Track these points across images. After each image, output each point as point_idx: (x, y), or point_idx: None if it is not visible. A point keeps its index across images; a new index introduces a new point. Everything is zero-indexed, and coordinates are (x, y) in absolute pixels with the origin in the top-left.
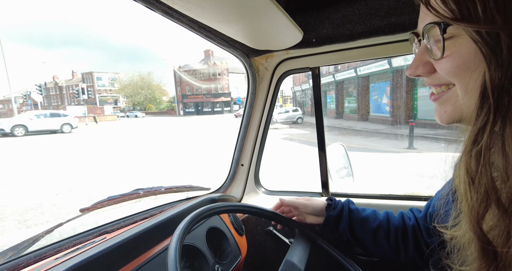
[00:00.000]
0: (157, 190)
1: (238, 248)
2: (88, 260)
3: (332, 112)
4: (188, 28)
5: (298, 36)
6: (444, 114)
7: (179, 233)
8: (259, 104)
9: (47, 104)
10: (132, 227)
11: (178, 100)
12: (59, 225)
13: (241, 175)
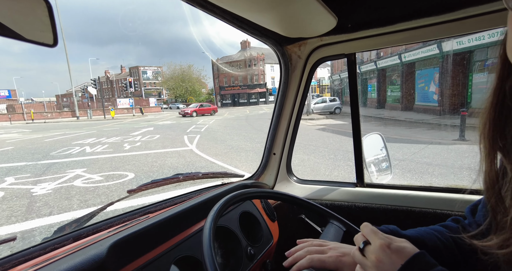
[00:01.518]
0: (195, 175)
1: (270, 233)
2: (134, 235)
3: (374, 102)
4: (222, 19)
5: (332, 22)
6: None
7: (213, 214)
8: (292, 93)
9: (100, 97)
10: (171, 208)
11: (216, 92)
12: (110, 204)
13: (273, 164)
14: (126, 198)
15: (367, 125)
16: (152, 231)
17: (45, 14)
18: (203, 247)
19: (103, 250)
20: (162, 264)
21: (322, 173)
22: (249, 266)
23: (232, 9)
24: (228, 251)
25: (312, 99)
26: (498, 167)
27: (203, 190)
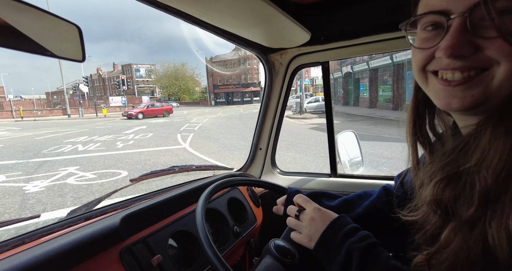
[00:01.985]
0: (189, 167)
1: (255, 216)
2: (140, 210)
3: (366, 101)
4: (213, 33)
5: (306, 36)
6: (470, 99)
7: (205, 195)
8: (275, 95)
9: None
10: (169, 193)
11: (210, 90)
12: (115, 191)
13: (259, 158)
14: (128, 186)
15: (358, 124)
16: (154, 209)
17: (77, 37)
18: (197, 219)
19: (116, 221)
20: (162, 235)
21: (313, 170)
22: (235, 242)
23: (222, 26)
24: (217, 229)
25: (305, 99)
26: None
27: (196, 180)
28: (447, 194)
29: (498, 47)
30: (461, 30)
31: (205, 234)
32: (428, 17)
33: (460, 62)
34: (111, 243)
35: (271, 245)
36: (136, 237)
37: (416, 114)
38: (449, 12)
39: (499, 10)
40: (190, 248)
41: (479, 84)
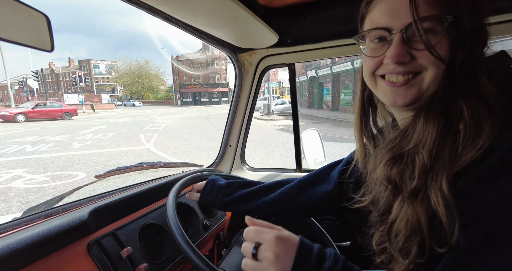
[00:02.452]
0: (157, 164)
1: (224, 211)
2: (109, 204)
3: (329, 105)
4: (184, 30)
5: (274, 38)
6: (409, 96)
7: (177, 187)
8: (245, 94)
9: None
10: (137, 188)
11: (176, 89)
12: (78, 188)
13: (229, 155)
14: (93, 183)
15: (322, 126)
16: (123, 203)
17: (45, 26)
18: (168, 210)
19: (84, 214)
20: (132, 228)
21: None
22: (205, 235)
23: (194, 24)
24: (187, 223)
25: (273, 101)
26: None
27: (166, 176)
28: (394, 171)
29: (426, 56)
30: (401, 43)
31: (177, 224)
32: (376, 31)
33: (402, 67)
34: (78, 236)
35: (240, 235)
36: (105, 230)
37: (362, 113)
38: (391, 29)
39: (426, 29)
40: (160, 240)
41: (415, 85)
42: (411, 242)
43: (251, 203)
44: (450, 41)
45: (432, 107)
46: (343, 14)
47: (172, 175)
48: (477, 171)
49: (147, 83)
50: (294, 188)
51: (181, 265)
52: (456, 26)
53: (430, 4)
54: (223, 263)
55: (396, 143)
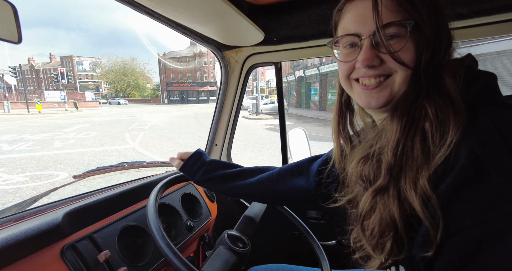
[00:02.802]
0: (140, 164)
1: (209, 211)
2: (85, 206)
3: (316, 104)
4: (167, 26)
5: (260, 36)
6: (382, 98)
7: (158, 187)
8: (231, 92)
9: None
10: (118, 188)
11: (163, 88)
12: (54, 189)
13: (215, 154)
14: (71, 184)
15: (309, 126)
16: (101, 205)
17: (11, 16)
18: (148, 212)
19: (58, 216)
20: (111, 230)
21: None
22: (189, 236)
23: (176, 19)
24: (170, 224)
25: (261, 100)
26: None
27: (148, 176)
28: (365, 169)
29: (393, 60)
30: (370, 47)
31: (158, 226)
32: (347, 38)
33: (372, 71)
34: (51, 240)
35: (224, 236)
36: (81, 233)
37: (339, 115)
38: (360, 35)
39: (391, 34)
40: (141, 243)
41: (387, 87)
42: (385, 238)
43: (229, 184)
44: (415, 45)
45: (398, 108)
46: (328, 13)
47: (155, 175)
48: (454, 176)
49: (133, 81)
50: (274, 175)
51: (163, 268)
52: (419, 31)
53: (393, 11)
54: (206, 264)
55: (369, 143)
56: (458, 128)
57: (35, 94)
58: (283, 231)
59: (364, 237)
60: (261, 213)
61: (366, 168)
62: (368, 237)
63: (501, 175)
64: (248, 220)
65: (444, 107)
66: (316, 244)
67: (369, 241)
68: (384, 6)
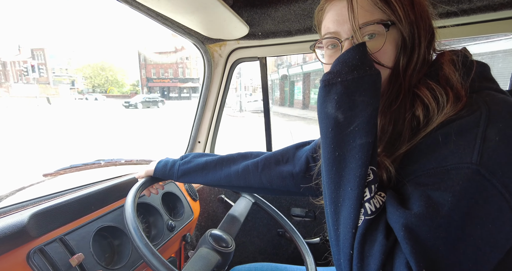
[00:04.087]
0: (117, 161)
1: (191, 210)
2: (55, 206)
3: (300, 103)
4: (147, 16)
5: (244, 29)
6: None
7: (137, 186)
8: (215, 87)
9: None
10: (92, 186)
11: (143, 83)
12: (21, 189)
13: (198, 151)
14: (40, 182)
15: (293, 124)
16: (73, 204)
17: None
18: (125, 211)
19: (23, 218)
20: (85, 231)
21: None
22: (170, 236)
23: (156, 8)
24: (149, 225)
25: (245, 97)
26: None
27: (126, 175)
28: None
29: (380, 56)
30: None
31: (135, 226)
32: (328, 40)
33: None
34: (16, 243)
35: (207, 235)
36: (51, 235)
37: None
38: (340, 36)
39: (370, 33)
40: (118, 244)
41: None
42: None
43: (211, 174)
44: (394, 44)
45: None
46: (314, 8)
47: (134, 173)
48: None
49: (111, 76)
50: (259, 164)
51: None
52: (396, 30)
53: (369, 11)
54: (187, 265)
55: None
56: (456, 109)
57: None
58: (267, 229)
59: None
60: (246, 212)
61: None
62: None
63: (475, 137)
64: (232, 219)
65: (443, 92)
66: (300, 241)
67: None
68: (360, 6)
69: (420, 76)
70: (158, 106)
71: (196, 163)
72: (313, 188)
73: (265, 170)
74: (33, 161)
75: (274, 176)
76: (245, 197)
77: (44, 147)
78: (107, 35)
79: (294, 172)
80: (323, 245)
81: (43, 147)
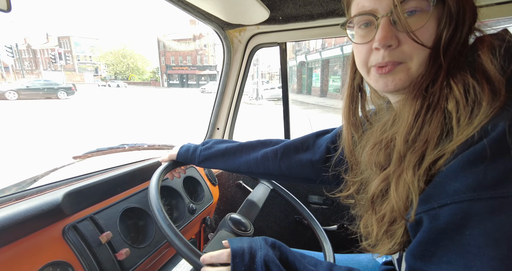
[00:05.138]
0: (140, 146)
1: (211, 194)
2: (86, 187)
3: (317, 90)
4: (168, 1)
5: (265, 14)
6: (399, 81)
7: (161, 169)
8: (234, 74)
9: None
10: (119, 169)
11: (162, 71)
12: (54, 170)
13: (216, 138)
14: (71, 164)
15: (310, 112)
16: (101, 185)
17: None
18: (150, 193)
19: (58, 197)
20: (112, 212)
21: None
22: (191, 219)
23: None
24: (172, 207)
25: (262, 85)
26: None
27: (149, 159)
28: (377, 155)
29: (411, 40)
30: (388, 25)
31: (159, 208)
32: (362, 17)
33: (388, 57)
34: (52, 220)
35: (227, 219)
36: (82, 214)
37: (351, 100)
38: (377, 12)
39: (412, 10)
40: (143, 225)
41: (401, 71)
42: (395, 225)
43: (232, 160)
44: (437, 21)
45: (414, 90)
46: None
47: (156, 158)
48: (471, 152)
49: (132, 64)
50: (278, 152)
51: (165, 250)
52: (442, 4)
53: None
54: (208, 247)
55: (385, 127)
56: (493, 109)
57: (33, 75)
58: (284, 215)
59: (375, 223)
60: (264, 198)
61: (379, 153)
62: (379, 224)
63: None
64: (251, 204)
65: (477, 86)
66: (318, 228)
67: (380, 227)
68: None
69: (459, 62)
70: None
71: (217, 149)
72: (329, 178)
73: (284, 157)
74: (67, 143)
75: (294, 163)
76: (264, 184)
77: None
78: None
79: (314, 160)
80: (341, 232)
81: (84, 130)
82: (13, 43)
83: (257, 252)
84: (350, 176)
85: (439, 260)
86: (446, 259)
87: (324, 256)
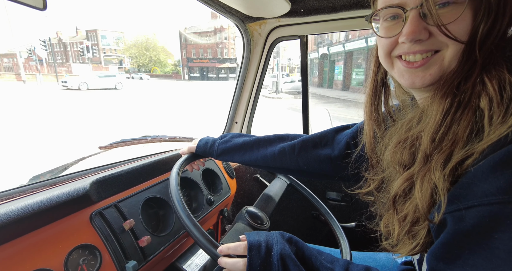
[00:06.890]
0: (162, 138)
1: (228, 187)
2: (112, 176)
3: (339, 84)
4: None
5: (286, 6)
6: (429, 77)
7: (181, 161)
8: (253, 67)
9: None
10: (141, 161)
11: (183, 63)
12: (82, 159)
13: (235, 131)
14: (97, 154)
15: (331, 106)
16: (125, 175)
17: None
18: (170, 184)
19: (86, 185)
20: (135, 200)
21: None
22: (209, 210)
23: None
24: (191, 198)
25: (281, 78)
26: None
27: (170, 150)
28: (402, 154)
29: (455, 29)
30: (417, 19)
31: (179, 198)
32: (389, 10)
33: (418, 46)
34: (80, 206)
35: (243, 211)
36: (107, 201)
37: (374, 94)
38: (406, 5)
39: (442, 2)
40: (163, 214)
41: (435, 64)
42: (419, 226)
43: (248, 153)
44: (473, 13)
45: (445, 87)
46: None
47: (177, 150)
48: (502, 153)
49: (154, 56)
50: (296, 147)
51: (184, 239)
52: None
53: None
54: (225, 238)
55: (410, 125)
56: None
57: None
58: (301, 211)
59: (396, 223)
60: (280, 192)
61: (403, 152)
62: (401, 224)
63: None
64: (268, 198)
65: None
66: (335, 224)
67: (402, 227)
68: None
69: (495, 57)
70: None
71: (235, 143)
72: (348, 175)
73: (302, 152)
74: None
75: (311, 159)
76: (281, 178)
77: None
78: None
79: (333, 155)
80: (359, 230)
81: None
82: (46, 37)
83: (274, 246)
84: (371, 174)
85: (464, 263)
86: (471, 262)
87: (341, 253)
